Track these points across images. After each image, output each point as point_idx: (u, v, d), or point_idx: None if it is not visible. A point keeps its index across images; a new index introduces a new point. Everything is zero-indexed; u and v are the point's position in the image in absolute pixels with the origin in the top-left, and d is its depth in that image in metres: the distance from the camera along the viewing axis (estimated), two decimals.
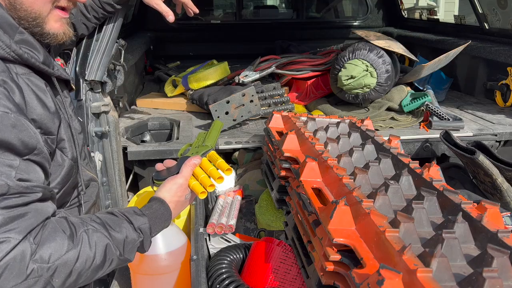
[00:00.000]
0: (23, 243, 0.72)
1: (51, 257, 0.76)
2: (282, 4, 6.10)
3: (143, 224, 0.95)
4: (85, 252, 0.81)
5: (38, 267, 0.74)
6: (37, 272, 0.73)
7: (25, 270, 0.72)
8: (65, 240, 0.79)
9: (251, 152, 2.01)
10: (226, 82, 2.56)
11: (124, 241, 0.90)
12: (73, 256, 0.79)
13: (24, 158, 0.79)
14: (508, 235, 0.80)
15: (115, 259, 0.88)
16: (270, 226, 1.64)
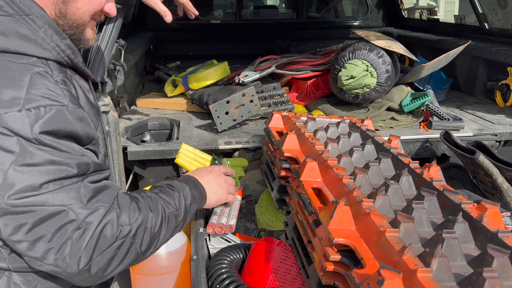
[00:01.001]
0: (111, 210, 0.88)
1: (130, 221, 0.91)
2: (282, 4, 6.11)
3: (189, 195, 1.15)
4: (150, 216, 0.96)
5: (123, 230, 0.89)
6: (123, 234, 0.89)
7: (115, 232, 0.87)
8: (135, 208, 0.94)
9: (251, 152, 2.01)
10: (226, 82, 2.56)
11: (178, 208, 1.08)
12: (144, 220, 0.94)
13: (85, 147, 0.93)
14: (508, 235, 0.80)
15: (172, 221, 1.05)
16: (270, 226, 1.64)
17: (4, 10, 0.87)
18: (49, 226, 0.82)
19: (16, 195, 0.80)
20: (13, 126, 0.80)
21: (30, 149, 0.81)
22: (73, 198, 0.84)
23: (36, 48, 0.89)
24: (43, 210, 0.81)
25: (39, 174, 0.81)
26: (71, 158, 0.86)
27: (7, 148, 0.80)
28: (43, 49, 0.90)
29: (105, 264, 0.88)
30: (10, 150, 0.80)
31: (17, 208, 0.80)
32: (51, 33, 0.92)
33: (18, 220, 0.81)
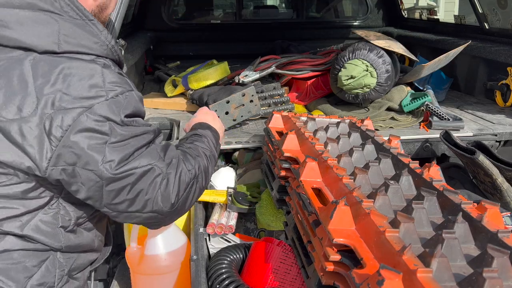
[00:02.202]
0: (179, 161, 1.13)
1: (192, 166, 1.17)
2: (282, 4, 6.11)
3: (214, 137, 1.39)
4: (200, 160, 1.22)
5: (191, 173, 1.15)
6: (191, 177, 1.15)
7: (187, 176, 1.13)
8: (190, 156, 1.20)
9: (251, 152, 2.01)
10: (226, 82, 2.56)
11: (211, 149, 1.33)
12: (199, 163, 1.20)
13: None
14: (508, 235, 0.80)
15: (212, 160, 1.30)
16: (270, 226, 1.64)
17: (71, 15, 1.02)
18: (144, 182, 1.05)
19: (117, 166, 1.00)
20: (105, 114, 0.98)
21: (119, 130, 1.00)
22: (154, 157, 1.07)
23: (100, 48, 1.06)
24: (137, 171, 1.03)
25: (129, 147, 1.02)
26: (145, 130, 1.08)
27: (103, 131, 0.98)
28: (104, 49, 1.07)
29: (185, 200, 1.14)
30: (106, 133, 0.98)
31: (119, 175, 1.01)
32: (109, 36, 1.09)
33: (120, 184, 1.02)
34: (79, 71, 0.98)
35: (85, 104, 0.96)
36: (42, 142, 0.96)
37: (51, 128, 0.95)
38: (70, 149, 0.97)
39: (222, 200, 1.70)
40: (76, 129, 0.96)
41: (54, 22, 0.99)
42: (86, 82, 0.98)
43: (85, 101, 0.97)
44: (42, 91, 0.95)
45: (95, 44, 1.04)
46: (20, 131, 0.95)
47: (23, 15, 0.98)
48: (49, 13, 0.99)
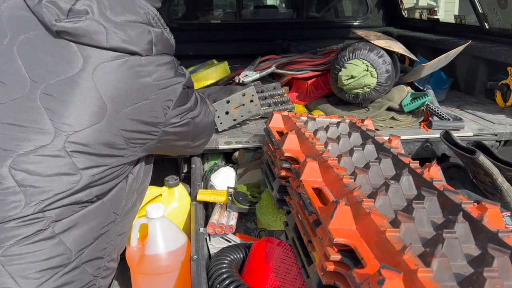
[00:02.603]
0: (207, 105, 1.59)
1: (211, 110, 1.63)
2: (282, 4, 6.11)
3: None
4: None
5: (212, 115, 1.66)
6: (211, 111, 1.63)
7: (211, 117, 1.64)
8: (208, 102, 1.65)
9: (251, 152, 2.01)
10: (226, 82, 2.56)
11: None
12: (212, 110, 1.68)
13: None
14: (508, 235, 0.80)
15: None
16: (270, 226, 1.64)
17: (155, 25, 1.32)
18: (206, 120, 1.54)
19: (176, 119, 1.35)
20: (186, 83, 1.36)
21: (185, 93, 1.35)
22: (200, 104, 1.47)
23: (173, 49, 1.40)
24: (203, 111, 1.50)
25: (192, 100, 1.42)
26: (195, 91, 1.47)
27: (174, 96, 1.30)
28: (172, 49, 1.40)
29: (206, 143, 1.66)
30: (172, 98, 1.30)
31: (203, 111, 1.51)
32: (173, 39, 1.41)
33: (200, 120, 1.48)
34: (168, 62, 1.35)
35: (179, 80, 1.34)
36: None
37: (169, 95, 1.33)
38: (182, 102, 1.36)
39: (222, 200, 1.70)
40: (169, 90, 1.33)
41: (149, 33, 1.26)
42: (172, 67, 1.35)
43: (180, 78, 1.34)
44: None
45: (170, 47, 1.38)
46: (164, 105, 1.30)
47: (130, 27, 1.24)
48: (145, 25, 1.27)
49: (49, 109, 1.10)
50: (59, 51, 1.15)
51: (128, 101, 1.19)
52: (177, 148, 1.49)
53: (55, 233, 1.09)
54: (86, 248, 1.16)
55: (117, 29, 1.17)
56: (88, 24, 1.14)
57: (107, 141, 1.17)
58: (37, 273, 1.06)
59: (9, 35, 1.16)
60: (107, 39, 1.15)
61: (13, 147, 1.07)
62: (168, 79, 1.27)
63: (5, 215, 1.04)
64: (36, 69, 1.13)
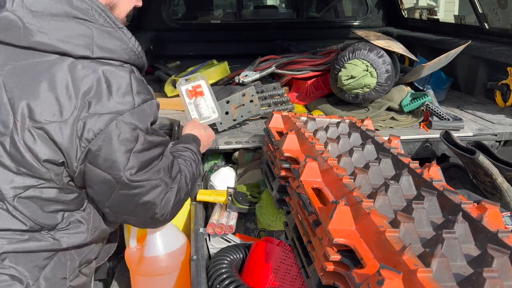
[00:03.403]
0: (181, 176, 1.23)
1: (188, 181, 1.27)
2: (282, 4, 6.11)
3: (196, 148, 1.45)
4: (192, 172, 1.31)
5: (188, 189, 1.26)
6: (187, 192, 1.27)
7: (185, 192, 1.25)
8: (188, 170, 1.29)
9: (251, 152, 2.01)
10: (226, 82, 2.56)
11: (196, 162, 1.39)
12: (193, 177, 1.31)
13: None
14: (508, 235, 0.80)
15: (198, 173, 1.38)
16: (270, 226, 1.64)
17: (102, 23, 1.07)
18: (152, 194, 1.12)
19: (135, 174, 1.06)
20: (134, 121, 1.04)
21: (143, 139, 1.06)
22: (165, 170, 1.15)
23: (128, 54, 1.11)
24: (150, 183, 1.10)
25: (148, 156, 1.08)
26: (162, 140, 1.15)
27: (131, 139, 1.04)
28: (131, 55, 1.12)
29: (175, 212, 1.23)
30: (133, 140, 1.04)
31: (134, 183, 1.07)
32: (136, 43, 1.15)
33: (132, 191, 1.08)
34: (113, 78, 1.04)
35: (117, 110, 1.02)
36: (75, 143, 1.01)
37: (84, 130, 1.00)
38: (96, 151, 1.02)
39: (222, 200, 1.70)
40: (106, 133, 1.01)
41: (88, 30, 1.05)
42: (118, 88, 1.04)
43: (118, 107, 1.03)
44: (78, 95, 1.00)
45: (124, 50, 1.10)
46: (60, 131, 1.00)
47: (59, 22, 1.03)
48: (83, 21, 1.05)
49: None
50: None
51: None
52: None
53: (6, 265, 1.04)
54: (41, 271, 1.09)
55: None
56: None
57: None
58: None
59: None
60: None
61: None
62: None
63: None
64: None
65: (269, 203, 1.68)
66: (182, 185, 1.22)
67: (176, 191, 1.19)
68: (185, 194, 1.26)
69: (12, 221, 1.04)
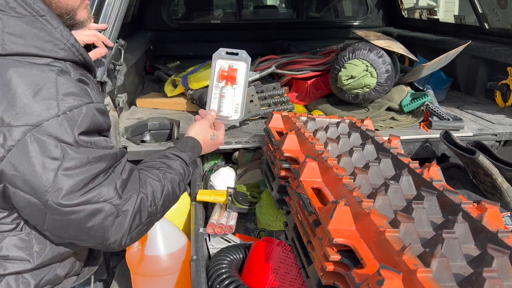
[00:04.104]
0: (139, 195, 1.02)
1: (155, 200, 1.06)
2: (282, 4, 6.10)
3: (189, 158, 1.28)
4: (168, 189, 1.11)
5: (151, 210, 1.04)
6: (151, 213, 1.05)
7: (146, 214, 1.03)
8: (157, 186, 1.08)
9: (251, 152, 2.01)
10: None
11: (184, 174, 1.22)
12: (166, 194, 1.10)
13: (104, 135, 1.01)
14: (508, 235, 0.80)
15: (182, 187, 1.19)
16: (270, 226, 1.64)
17: (18, 11, 0.87)
18: (95, 221, 0.92)
19: (65, 197, 0.87)
20: (55, 133, 0.84)
21: (72, 154, 0.87)
22: (111, 191, 0.93)
23: (54, 49, 0.90)
24: (88, 208, 0.90)
25: (82, 175, 0.88)
26: (104, 153, 0.93)
27: (53, 155, 0.85)
28: (60, 49, 0.91)
29: (136, 237, 1.02)
30: (56, 157, 0.85)
31: (66, 208, 0.88)
32: (66, 33, 0.93)
33: (66, 217, 0.89)
34: (28, 80, 0.83)
35: (31, 121, 0.82)
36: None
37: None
38: (12, 172, 0.84)
39: (222, 200, 1.70)
40: (20, 150, 0.83)
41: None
42: (35, 93, 0.83)
43: (33, 118, 0.82)
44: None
45: (48, 43, 0.89)
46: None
47: None
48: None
49: None
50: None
51: None
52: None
53: None
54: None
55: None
56: None
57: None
58: None
59: None
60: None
61: None
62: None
63: None
64: None
65: (269, 203, 1.68)
66: (142, 206, 1.00)
67: (131, 214, 0.97)
68: (150, 215, 1.03)
69: None
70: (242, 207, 1.67)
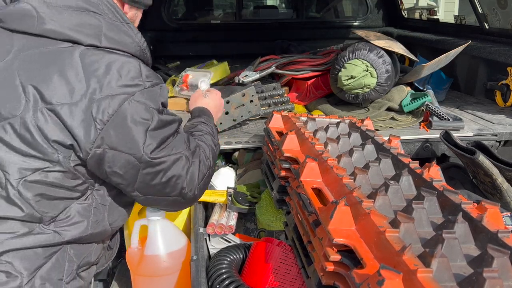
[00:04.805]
0: (199, 150, 1.29)
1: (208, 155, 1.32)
2: (282, 4, 6.11)
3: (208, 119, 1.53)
4: (212, 147, 1.38)
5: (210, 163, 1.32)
6: (209, 166, 1.31)
7: (206, 166, 1.29)
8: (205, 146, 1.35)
9: (251, 152, 2.01)
10: (226, 82, 2.56)
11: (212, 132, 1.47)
12: (212, 152, 1.36)
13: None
14: (508, 235, 0.80)
15: (216, 143, 1.45)
16: (270, 226, 1.64)
17: (111, 17, 1.14)
18: (175, 169, 1.17)
19: (154, 151, 1.10)
20: (145, 101, 1.08)
21: (157, 117, 1.10)
22: (182, 145, 1.20)
23: (134, 48, 1.17)
24: (170, 158, 1.15)
25: (164, 133, 1.13)
26: (174, 119, 1.19)
27: (145, 117, 1.08)
28: (137, 49, 1.18)
29: (203, 188, 1.29)
30: (147, 118, 1.08)
31: (156, 160, 1.11)
32: (142, 39, 1.20)
33: (155, 169, 1.13)
34: (121, 63, 1.09)
35: (128, 91, 1.07)
36: (89, 125, 1.03)
37: (98, 112, 1.03)
38: (114, 133, 1.05)
39: (222, 200, 1.70)
40: (120, 114, 1.05)
41: (98, 22, 1.11)
42: (128, 72, 1.08)
43: (129, 89, 1.07)
44: (89, 79, 1.04)
45: (130, 43, 1.16)
46: (71, 114, 1.02)
47: (71, 13, 1.10)
48: (93, 14, 1.11)
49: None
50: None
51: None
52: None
53: (3, 260, 1.04)
54: (38, 270, 1.08)
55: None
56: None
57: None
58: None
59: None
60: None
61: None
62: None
63: None
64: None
65: (269, 203, 1.68)
66: (202, 158, 1.26)
67: (198, 165, 1.24)
68: (208, 168, 1.30)
69: (12, 209, 1.04)
70: (242, 207, 1.67)
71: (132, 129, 1.07)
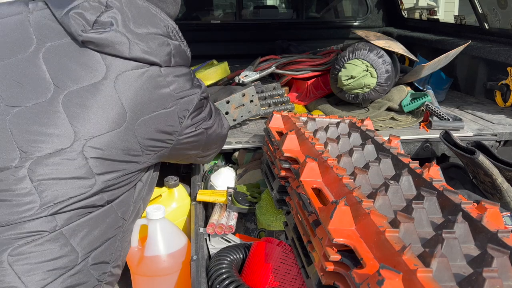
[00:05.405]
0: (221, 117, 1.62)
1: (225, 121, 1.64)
2: (282, 4, 6.11)
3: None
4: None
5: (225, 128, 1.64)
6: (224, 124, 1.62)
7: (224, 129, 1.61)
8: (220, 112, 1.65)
9: (251, 152, 2.01)
10: (226, 82, 2.56)
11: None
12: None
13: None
14: (508, 235, 0.80)
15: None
16: (270, 226, 1.64)
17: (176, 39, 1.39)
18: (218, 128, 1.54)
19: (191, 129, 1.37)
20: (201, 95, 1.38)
21: (201, 104, 1.37)
22: (214, 116, 1.49)
23: (187, 62, 1.44)
24: (217, 120, 1.51)
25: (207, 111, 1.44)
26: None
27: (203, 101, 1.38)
28: (188, 63, 1.46)
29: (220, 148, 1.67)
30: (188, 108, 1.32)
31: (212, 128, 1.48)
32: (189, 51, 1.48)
33: (213, 130, 1.49)
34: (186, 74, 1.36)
35: (196, 91, 1.36)
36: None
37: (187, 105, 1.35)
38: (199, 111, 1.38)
39: (222, 200, 1.70)
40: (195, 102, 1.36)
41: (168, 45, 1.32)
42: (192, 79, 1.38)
43: (196, 89, 1.36)
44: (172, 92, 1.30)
45: (186, 59, 1.42)
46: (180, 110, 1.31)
47: (152, 39, 1.29)
48: (166, 38, 1.32)
49: (70, 113, 1.12)
50: (83, 60, 1.18)
51: (147, 109, 1.22)
52: (187, 157, 1.51)
53: (63, 235, 1.10)
54: (93, 252, 1.16)
55: (139, 40, 1.23)
56: (112, 35, 1.19)
57: (124, 147, 1.19)
58: (43, 273, 1.06)
59: (35, 42, 1.20)
60: (129, 49, 1.20)
61: (32, 150, 1.08)
62: (186, 90, 1.31)
63: (18, 216, 1.05)
64: (60, 75, 1.16)
65: (269, 203, 1.68)
66: (223, 124, 1.62)
67: (221, 122, 1.58)
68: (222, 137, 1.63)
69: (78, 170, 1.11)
70: (242, 207, 1.68)
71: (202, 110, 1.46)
